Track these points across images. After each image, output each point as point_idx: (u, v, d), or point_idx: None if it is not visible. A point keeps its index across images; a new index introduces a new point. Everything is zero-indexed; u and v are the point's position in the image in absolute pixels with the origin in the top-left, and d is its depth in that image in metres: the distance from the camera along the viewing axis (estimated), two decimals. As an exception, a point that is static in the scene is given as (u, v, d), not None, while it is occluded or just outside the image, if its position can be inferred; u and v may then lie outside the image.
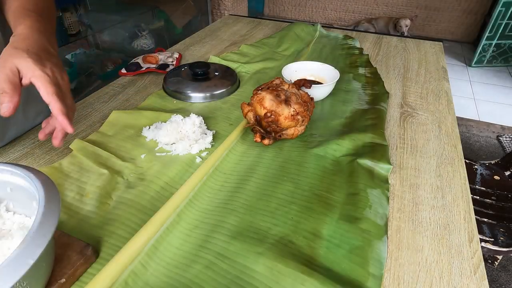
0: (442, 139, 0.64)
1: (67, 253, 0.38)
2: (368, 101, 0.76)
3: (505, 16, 2.48)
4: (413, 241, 0.45)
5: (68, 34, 1.56)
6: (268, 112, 0.59)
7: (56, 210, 0.33)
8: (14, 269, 0.27)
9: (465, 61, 2.86)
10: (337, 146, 0.60)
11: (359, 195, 0.50)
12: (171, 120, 0.61)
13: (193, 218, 0.47)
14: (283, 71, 0.79)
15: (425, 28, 3.28)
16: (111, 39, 1.92)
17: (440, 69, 0.94)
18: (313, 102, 0.65)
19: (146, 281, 0.39)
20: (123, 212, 0.47)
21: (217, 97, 0.78)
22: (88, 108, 0.73)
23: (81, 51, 1.68)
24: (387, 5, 3.32)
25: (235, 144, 0.62)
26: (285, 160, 0.58)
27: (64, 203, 0.48)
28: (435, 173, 0.56)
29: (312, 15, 3.71)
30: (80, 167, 0.55)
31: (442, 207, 0.50)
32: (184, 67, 0.86)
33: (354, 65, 0.94)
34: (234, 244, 0.42)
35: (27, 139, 0.62)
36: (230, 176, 0.55)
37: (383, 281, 0.40)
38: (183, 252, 0.42)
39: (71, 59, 1.64)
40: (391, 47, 1.08)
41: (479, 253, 0.43)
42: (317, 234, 0.44)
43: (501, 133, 2.00)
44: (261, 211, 0.48)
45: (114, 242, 0.43)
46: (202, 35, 1.18)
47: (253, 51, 1.03)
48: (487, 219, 0.92)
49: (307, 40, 1.13)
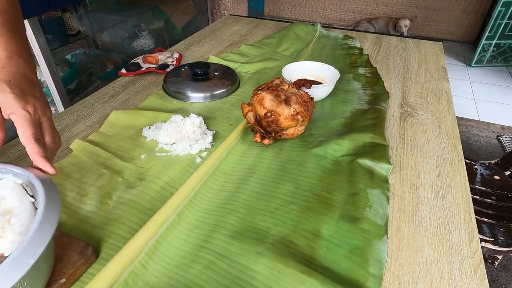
0: (442, 139, 0.65)
1: (67, 253, 0.38)
2: (368, 101, 0.76)
3: (505, 16, 2.48)
4: (413, 241, 0.45)
5: (68, 34, 1.56)
6: (268, 112, 0.59)
7: (56, 210, 0.33)
8: (14, 269, 0.27)
9: (465, 61, 2.86)
10: (337, 146, 0.60)
11: (359, 195, 0.50)
12: (171, 120, 0.61)
13: (193, 218, 0.47)
14: (283, 71, 0.79)
15: (425, 28, 3.28)
16: (111, 39, 1.92)
17: (440, 69, 0.94)
18: (313, 102, 0.65)
19: (146, 281, 0.39)
20: (123, 212, 0.47)
21: (217, 97, 0.78)
22: (88, 108, 0.73)
23: (81, 51, 1.68)
24: (387, 5, 3.32)
25: (235, 144, 0.62)
26: (285, 160, 0.58)
27: (64, 203, 0.48)
28: (435, 173, 0.56)
29: (312, 15, 3.71)
30: (80, 167, 0.55)
31: (442, 207, 0.50)
32: (184, 67, 0.86)
33: (354, 65, 0.94)
34: (234, 244, 0.42)
35: (27, 139, 0.62)
36: (230, 176, 0.55)
37: (383, 281, 0.40)
38: (183, 252, 0.42)
39: (71, 59, 1.63)
40: (391, 47, 1.08)
41: (479, 253, 0.43)
42: (317, 234, 0.44)
43: (501, 133, 2.00)
44: (261, 211, 0.48)
45: (114, 242, 0.43)
46: (202, 35, 1.18)
47: (253, 51, 1.03)
48: (487, 219, 0.92)
49: (307, 40, 1.13)
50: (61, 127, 0.66)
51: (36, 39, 1.19)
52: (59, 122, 0.67)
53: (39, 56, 1.23)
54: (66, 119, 0.69)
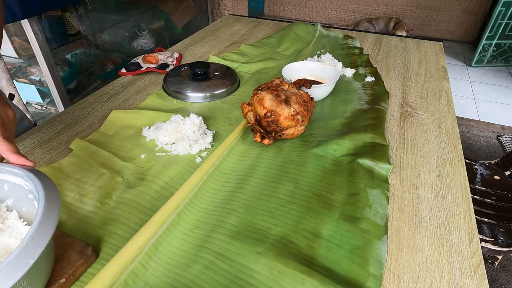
0: (442, 139, 0.64)
1: (67, 253, 0.38)
2: (368, 101, 0.76)
3: (505, 16, 2.48)
4: (413, 241, 0.45)
5: (68, 34, 1.56)
6: (268, 112, 0.59)
7: (56, 210, 0.33)
8: (14, 269, 0.27)
9: (465, 61, 2.85)
10: (337, 146, 0.60)
11: (359, 195, 0.50)
12: (171, 120, 0.61)
13: (193, 218, 0.47)
14: (283, 71, 0.79)
15: (425, 28, 3.28)
16: (111, 39, 1.92)
17: (440, 69, 0.94)
18: (313, 102, 0.65)
19: (146, 281, 0.39)
20: (123, 212, 0.47)
21: (217, 97, 0.77)
22: (88, 108, 0.73)
23: (81, 51, 1.68)
24: (387, 5, 3.32)
25: (235, 144, 0.62)
26: (285, 160, 0.58)
27: (64, 203, 0.48)
28: (435, 173, 0.56)
29: (312, 15, 3.71)
30: (80, 167, 0.55)
31: (442, 207, 0.50)
32: (184, 67, 0.86)
33: (354, 65, 0.94)
34: (234, 244, 0.42)
35: (27, 139, 0.62)
36: (230, 176, 0.55)
37: (383, 281, 0.40)
38: (183, 252, 0.42)
39: (71, 58, 1.63)
40: (391, 47, 1.08)
41: (479, 253, 0.43)
42: (317, 234, 0.44)
43: (501, 133, 2.00)
44: (261, 211, 0.48)
45: (114, 242, 0.43)
46: (202, 35, 1.18)
47: (253, 51, 1.02)
48: (487, 219, 0.92)
49: (307, 40, 1.13)
50: (61, 127, 0.66)
51: (36, 39, 1.19)
52: (59, 122, 0.67)
53: (39, 55, 1.23)
54: (66, 119, 0.68)
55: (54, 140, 0.62)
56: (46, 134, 0.64)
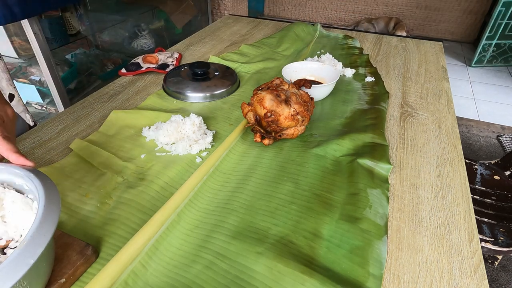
0: (442, 139, 0.64)
1: (67, 253, 0.38)
2: (368, 101, 0.76)
3: (505, 16, 2.48)
4: (413, 241, 0.45)
5: (68, 34, 1.56)
6: (268, 112, 0.59)
7: (56, 210, 0.33)
8: (14, 269, 0.27)
9: (465, 61, 2.85)
10: (337, 146, 0.60)
11: (359, 195, 0.50)
12: (171, 120, 0.61)
13: (193, 218, 0.47)
14: (283, 71, 0.79)
15: (425, 28, 3.28)
16: (111, 39, 1.92)
17: (440, 69, 0.94)
18: (313, 102, 0.65)
19: (146, 281, 0.39)
20: (123, 212, 0.47)
21: (217, 97, 0.77)
22: (88, 108, 0.73)
23: (81, 51, 1.68)
24: (387, 5, 3.32)
25: (235, 144, 0.62)
26: (285, 160, 0.58)
27: (64, 203, 0.48)
28: (435, 173, 0.56)
29: (312, 15, 3.71)
30: (80, 167, 0.55)
31: (442, 207, 0.50)
32: (184, 67, 0.86)
33: (354, 65, 0.94)
34: (234, 244, 0.42)
35: (27, 139, 0.62)
36: (230, 176, 0.55)
37: (383, 281, 0.40)
38: (183, 252, 0.42)
39: (71, 59, 1.64)
40: (391, 47, 1.08)
41: (479, 253, 0.43)
42: (317, 234, 0.44)
43: (501, 133, 2.00)
44: (261, 211, 0.48)
45: (114, 242, 0.43)
46: (202, 35, 1.18)
47: (253, 51, 1.02)
48: (487, 219, 0.92)
49: (307, 40, 1.13)
50: (61, 127, 0.66)
51: (36, 39, 1.19)
52: (59, 122, 0.67)
53: (39, 56, 1.23)
54: (66, 119, 0.68)
55: (54, 140, 0.62)
56: (46, 134, 0.64)
